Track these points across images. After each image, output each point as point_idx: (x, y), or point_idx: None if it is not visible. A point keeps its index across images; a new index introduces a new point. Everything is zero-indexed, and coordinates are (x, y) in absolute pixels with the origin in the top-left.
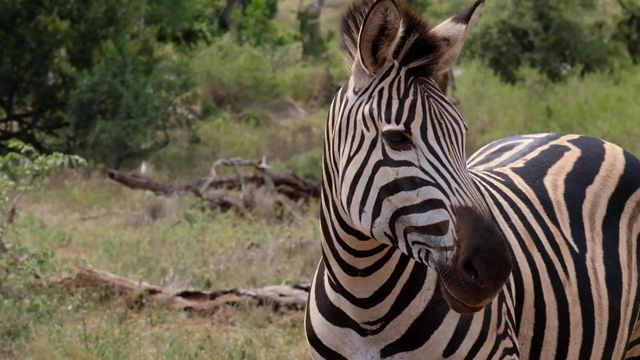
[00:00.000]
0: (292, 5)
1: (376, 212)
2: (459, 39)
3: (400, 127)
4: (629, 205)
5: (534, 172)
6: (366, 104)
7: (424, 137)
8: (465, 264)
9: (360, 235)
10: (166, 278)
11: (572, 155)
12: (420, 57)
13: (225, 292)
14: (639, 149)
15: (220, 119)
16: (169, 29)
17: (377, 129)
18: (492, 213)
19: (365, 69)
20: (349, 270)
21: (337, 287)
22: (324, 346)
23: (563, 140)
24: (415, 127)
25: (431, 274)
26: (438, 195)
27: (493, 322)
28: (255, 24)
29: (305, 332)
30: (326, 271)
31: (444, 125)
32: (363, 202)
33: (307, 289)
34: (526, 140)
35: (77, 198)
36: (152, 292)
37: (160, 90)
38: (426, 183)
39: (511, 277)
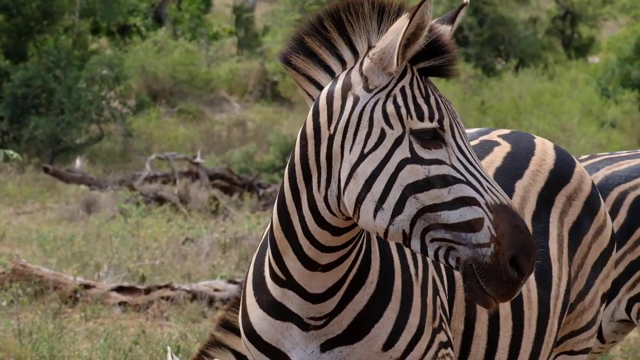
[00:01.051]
0: (227, 0)
1: (398, 210)
2: None
3: (435, 124)
4: (560, 200)
5: None
6: (385, 101)
7: (453, 135)
8: (510, 260)
9: (334, 231)
10: (100, 273)
11: (502, 150)
12: (432, 57)
13: (159, 287)
14: (574, 145)
15: (158, 112)
16: (104, 23)
17: (403, 126)
18: None
19: (394, 66)
20: (310, 265)
21: (287, 282)
22: (263, 341)
23: (493, 135)
24: (447, 125)
25: (375, 268)
26: (471, 193)
27: (429, 316)
28: (190, 19)
29: (242, 329)
30: (269, 267)
31: (460, 125)
32: (382, 200)
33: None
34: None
35: (11, 193)
36: (87, 287)
37: (94, 84)
38: (458, 181)
39: (443, 271)
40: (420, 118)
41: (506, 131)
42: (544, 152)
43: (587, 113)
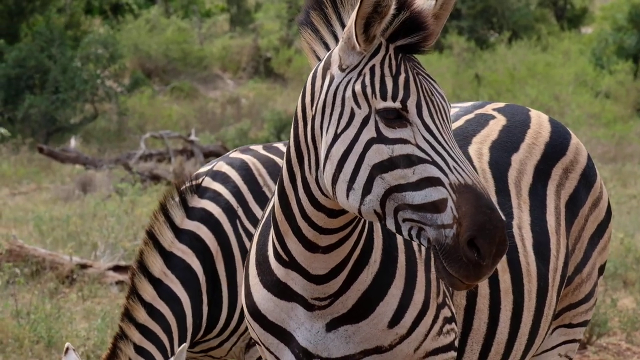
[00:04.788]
0: None
1: (367, 190)
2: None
3: (397, 104)
4: (556, 172)
5: (459, 141)
6: (356, 81)
7: (420, 114)
8: (469, 241)
9: (329, 213)
10: (97, 252)
11: (497, 123)
12: (409, 34)
13: None
14: (567, 114)
15: (149, 91)
16: (96, 2)
17: (370, 106)
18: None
19: (357, 46)
20: (310, 247)
21: (290, 263)
22: (269, 321)
23: (488, 109)
24: (412, 104)
25: (378, 247)
26: (435, 173)
27: (433, 292)
28: None
29: (246, 308)
30: (273, 247)
31: (435, 103)
32: (352, 180)
33: None
34: (452, 110)
35: (7, 173)
36: (83, 266)
37: (88, 63)
38: (423, 161)
39: None
40: (384, 97)
41: (501, 104)
42: (540, 124)
43: (581, 83)
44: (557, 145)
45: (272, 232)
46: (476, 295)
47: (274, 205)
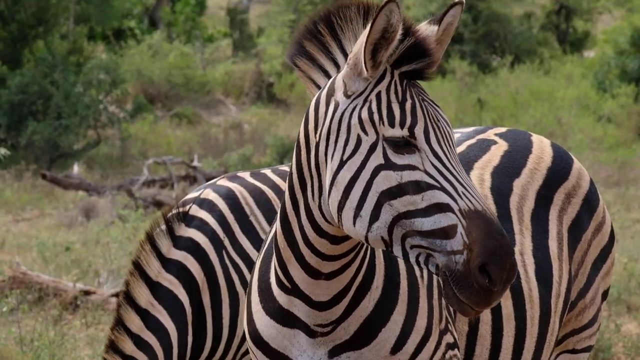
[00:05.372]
0: (221, 2)
1: (374, 217)
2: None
3: (405, 131)
4: (558, 197)
5: None
6: (362, 107)
7: (427, 140)
8: (480, 267)
9: (332, 240)
10: (100, 279)
11: (499, 148)
12: (414, 60)
13: None
14: (570, 139)
15: (151, 117)
16: (99, 28)
17: (377, 133)
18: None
19: (365, 72)
20: (313, 273)
21: (292, 290)
22: (271, 348)
23: (490, 134)
24: (419, 131)
25: (380, 273)
26: (445, 199)
27: (436, 318)
28: (185, 21)
29: (248, 335)
30: (275, 274)
31: (441, 129)
32: (359, 207)
33: None
34: (453, 136)
35: (10, 200)
36: (87, 293)
37: (91, 89)
38: (432, 187)
39: None
40: (392, 124)
41: (503, 129)
42: (542, 149)
43: (583, 107)
44: (559, 170)
45: (274, 259)
46: (478, 321)
47: (276, 232)
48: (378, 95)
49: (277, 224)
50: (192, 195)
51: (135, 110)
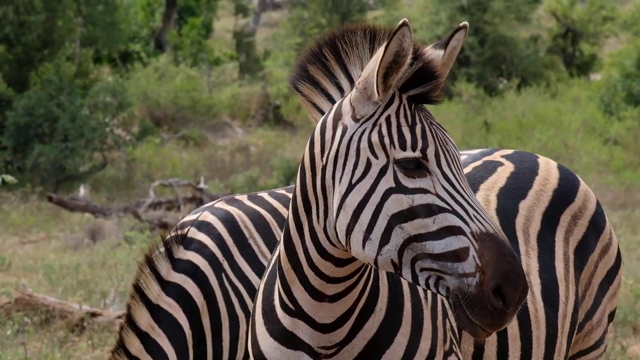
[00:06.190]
0: (227, 25)
1: (384, 240)
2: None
3: (417, 153)
4: (564, 219)
5: None
6: (371, 131)
7: (438, 164)
8: (495, 290)
9: (337, 262)
10: (106, 301)
11: (505, 170)
12: (422, 84)
13: None
14: (577, 161)
15: (157, 140)
16: (105, 51)
17: (387, 156)
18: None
19: (376, 96)
20: (317, 296)
21: (296, 312)
22: None
23: (497, 156)
24: (431, 153)
25: (383, 295)
26: (456, 222)
27: (440, 339)
28: (191, 44)
29: (252, 357)
30: (279, 296)
31: (450, 152)
32: (369, 230)
33: None
34: (460, 158)
35: (16, 222)
36: (93, 315)
37: (97, 111)
38: (443, 210)
39: None
40: (403, 147)
41: (509, 151)
42: (548, 171)
43: (590, 130)
44: (565, 192)
45: (278, 281)
46: (484, 342)
47: (279, 254)
48: (388, 119)
49: (281, 246)
50: (190, 217)
51: (142, 133)
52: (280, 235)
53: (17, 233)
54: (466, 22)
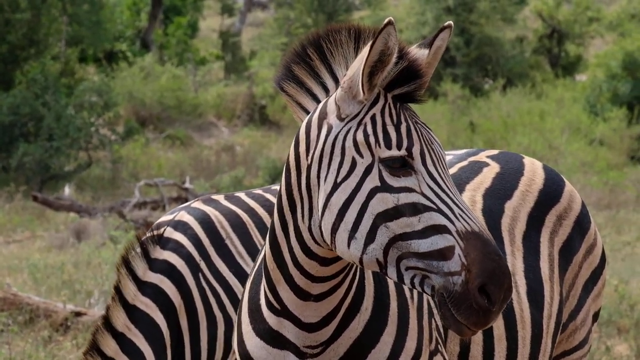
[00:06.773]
0: (213, 25)
1: (370, 239)
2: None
3: (402, 152)
4: (550, 220)
5: None
6: (356, 130)
7: (424, 162)
8: (480, 288)
9: (322, 261)
10: (91, 300)
11: (491, 171)
12: (406, 83)
13: None
14: (561, 163)
15: (143, 139)
16: (91, 50)
17: (373, 155)
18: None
19: (361, 95)
20: (302, 295)
21: (282, 311)
22: None
23: (482, 156)
24: (416, 152)
25: (369, 295)
26: (441, 220)
27: (426, 339)
28: (177, 44)
29: (238, 356)
30: (265, 295)
31: (435, 151)
32: (354, 229)
33: None
34: (445, 158)
35: (1, 221)
36: (78, 314)
37: (82, 111)
38: (429, 209)
39: None
40: (388, 146)
41: (495, 152)
42: (533, 172)
43: (575, 131)
44: (550, 193)
45: (263, 280)
46: (470, 342)
47: (265, 254)
48: (373, 118)
49: (267, 245)
50: (166, 217)
51: (127, 132)
52: (256, 235)
53: (1, 232)
54: (451, 22)
